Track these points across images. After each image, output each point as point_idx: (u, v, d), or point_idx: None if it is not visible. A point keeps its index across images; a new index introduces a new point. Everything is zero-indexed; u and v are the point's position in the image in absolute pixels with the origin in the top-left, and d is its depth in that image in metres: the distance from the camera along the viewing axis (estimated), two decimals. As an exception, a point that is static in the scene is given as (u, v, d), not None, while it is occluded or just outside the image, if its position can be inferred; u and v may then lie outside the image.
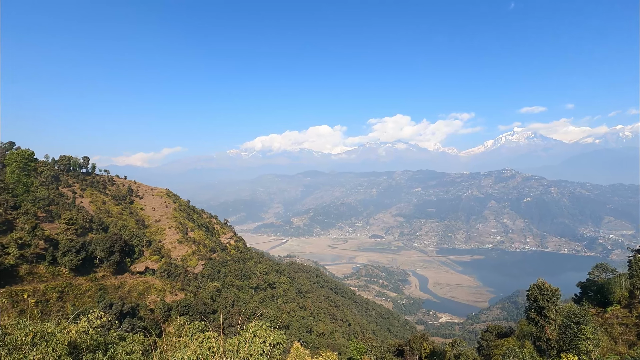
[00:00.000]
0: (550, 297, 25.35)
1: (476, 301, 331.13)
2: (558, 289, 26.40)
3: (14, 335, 14.02)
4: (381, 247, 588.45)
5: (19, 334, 14.52)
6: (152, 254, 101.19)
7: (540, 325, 26.42)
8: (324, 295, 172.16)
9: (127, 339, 17.87)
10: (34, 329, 15.92)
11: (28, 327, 15.77)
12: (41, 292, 49.25)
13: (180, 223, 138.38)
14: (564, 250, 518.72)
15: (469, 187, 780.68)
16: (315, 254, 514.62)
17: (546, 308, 25.08)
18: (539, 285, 26.27)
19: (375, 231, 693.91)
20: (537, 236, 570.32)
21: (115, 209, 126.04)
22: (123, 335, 18.36)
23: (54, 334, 15.60)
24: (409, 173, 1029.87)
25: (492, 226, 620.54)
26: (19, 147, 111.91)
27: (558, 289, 26.30)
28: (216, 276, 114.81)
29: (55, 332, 15.51)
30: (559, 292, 26.01)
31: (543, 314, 25.69)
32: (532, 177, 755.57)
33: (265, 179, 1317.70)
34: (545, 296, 25.45)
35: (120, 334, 19.09)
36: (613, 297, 45.94)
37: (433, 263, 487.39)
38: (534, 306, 26.27)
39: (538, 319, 26.13)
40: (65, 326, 16.96)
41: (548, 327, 25.90)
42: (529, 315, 27.31)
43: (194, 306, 66.32)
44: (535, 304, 25.87)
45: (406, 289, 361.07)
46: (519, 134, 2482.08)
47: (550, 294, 25.47)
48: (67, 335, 15.96)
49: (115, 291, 59.48)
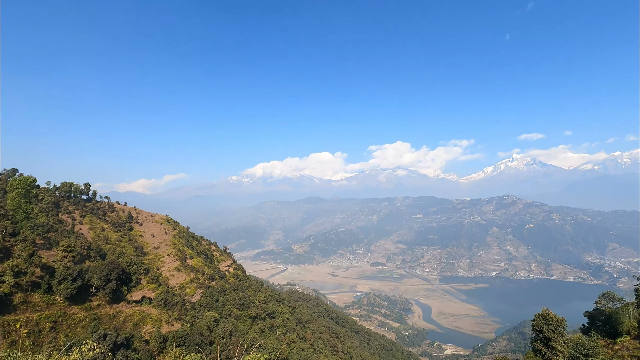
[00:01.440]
0: (556, 327, 24.60)
1: (482, 332, 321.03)
2: (564, 319, 25.69)
3: (5, 367, 13.67)
4: (383, 275, 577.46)
5: (10, 366, 14.17)
6: (149, 282, 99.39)
7: (547, 358, 25.43)
8: (324, 325, 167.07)
9: None
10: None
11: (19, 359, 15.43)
12: (34, 321, 47.98)
13: (179, 250, 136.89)
14: (569, 278, 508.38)
15: (470, 214, 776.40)
16: (316, 282, 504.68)
17: (552, 339, 24.26)
18: (544, 315, 25.58)
19: (376, 258, 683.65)
20: (542, 264, 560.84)
21: (114, 236, 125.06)
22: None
23: (45, 366, 15.24)
24: (410, 199, 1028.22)
25: (495, 253, 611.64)
26: (21, 173, 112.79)
27: (564, 319, 25.59)
28: (214, 305, 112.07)
29: (47, 365, 15.15)
30: (565, 322, 25.26)
31: (549, 345, 24.81)
32: (534, 204, 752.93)
33: (266, 206, 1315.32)
34: (551, 326, 24.69)
35: (113, 366, 18.54)
36: (622, 327, 44.49)
37: (436, 292, 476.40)
38: (539, 337, 25.43)
39: (545, 350, 25.22)
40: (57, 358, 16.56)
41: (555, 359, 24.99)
42: (535, 346, 26.36)
43: (190, 337, 64.29)
44: (541, 334, 25.05)
45: (409, 319, 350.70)
46: (518, 161, 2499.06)
47: (556, 324, 24.72)
48: (59, 367, 15.57)
49: (110, 321, 57.91)
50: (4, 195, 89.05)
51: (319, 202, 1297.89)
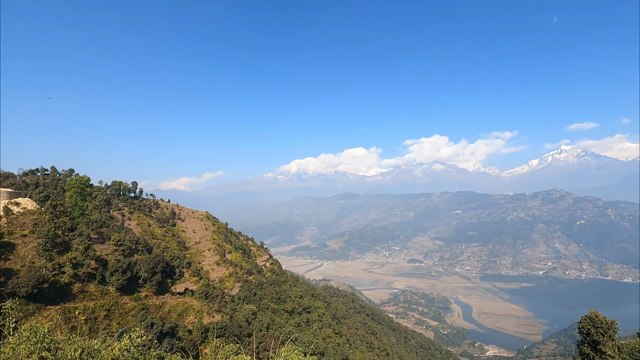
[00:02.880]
0: (606, 330, 22.76)
1: (527, 333, 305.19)
2: (614, 321, 23.76)
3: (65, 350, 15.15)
4: (420, 272, 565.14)
5: (69, 349, 15.66)
6: (191, 275, 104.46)
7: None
8: (360, 321, 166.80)
9: (165, 358, 18.60)
10: (82, 345, 17.11)
11: (77, 343, 16.99)
12: (90, 309, 52.34)
13: (219, 245, 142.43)
14: (627, 279, 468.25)
15: (513, 209, 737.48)
16: (351, 278, 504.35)
17: (601, 343, 22.49)
18: (592, 317, 23.76)
19: (413, 255, 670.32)
20: (595, 263, 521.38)
21: (159, 231, 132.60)
22: (162, 354, 19.10)
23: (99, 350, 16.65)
24: (448, 194, 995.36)
25: (541, 251, 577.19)
26: (77, 173, 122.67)
27: (614, 322, 23.66)
28: (252, 299, 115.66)
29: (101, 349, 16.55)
30: (616, 325, 23.33)
31: (598, 349, 22.99)
32: (585, 198, 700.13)
33: (300, 202, 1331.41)
34: (599, 329, 22.89)
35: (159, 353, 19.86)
36: (687, 333, 40.52)
37: (477, 290, 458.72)
38: (587, 340, 23.67)
39: (593, 354, 23.41)
40: (110, 343, 18.05)
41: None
42: (582, 350, 24.56)
43: (229, 328, 66.98)
44: (589, 337, 23.30)
45: (448, 318, 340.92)
46: (567, 152, 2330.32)
47: (605, 327, 22.89)
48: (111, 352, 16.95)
49: (157, 311, 61.76)
50: (63, 193, 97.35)
51: (353, 198, 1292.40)
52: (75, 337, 16.93)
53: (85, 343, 16.92)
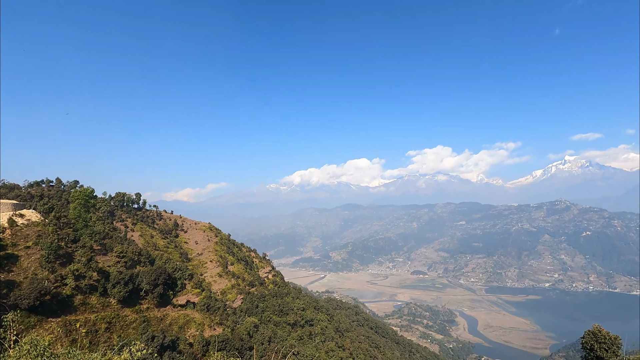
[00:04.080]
0: (610, 346, 22.37)
1: (535, 347, 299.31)
2: (618, 336, 23.38)
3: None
4: (424, 284, 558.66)
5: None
6: (193, 287, 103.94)
7: (600, 378, 23.19)
8: (363, 334, 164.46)
9: None
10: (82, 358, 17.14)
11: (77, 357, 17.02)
12: (92, 322, 52.12)
13: (221, 256, 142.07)
14: (635, 291, 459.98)
15: (518, 220, 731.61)
16: (355, 290, 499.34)
17: (605, 359, 22.10)
18: (595, 332, 23.40)
19: (417, 267, 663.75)
20: (602, 275, 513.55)
21: (162, 243, 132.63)
22: (162, 368, 19.08)
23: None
24: (452, 205, 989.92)
25: (547, 263, 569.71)
26: (81, 185, 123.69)
27: (618, 337, 23.28)
28: (254, 311, 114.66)
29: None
30: (620, 341, 22.95)
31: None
32: (591, 209, 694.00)
33: (304, 213, 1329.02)
34: (603, 345, 22.50)
35: (159, 367, 19.80)
36: (697, 348, 39.72)
37: (482, 303, 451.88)
38: (590, 356, 23.28)
39: None
40: (110, 357, 18.05)
41: (609, 381, 22.65)
42: (586, 366, 24.21)
43: (231, 342, 66.28)
44: (592, 353, 22.90)
45: (453, 331, 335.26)
46: (571, 163, 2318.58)
47: (609, 343, 22.51)
48: (111, 366, 16.97)
49: (158, 324, 61.35)
50: (67, 205, 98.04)
51: (356, 209, 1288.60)
52: (76, 351, 16.97)
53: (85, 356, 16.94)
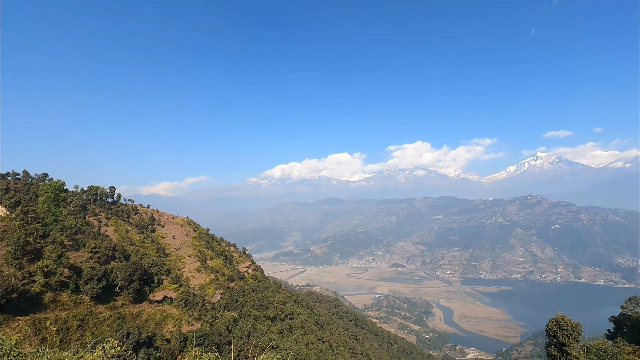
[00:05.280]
0: (571, 332, 23.82)
1: (506, 336, 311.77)
2: (579, 323, 24.86)
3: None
4: (403, 277, 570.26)
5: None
6: (171, 283, 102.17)
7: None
8: (343, 327, 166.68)
9: None
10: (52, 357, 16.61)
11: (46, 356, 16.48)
12: (63, 320, 50.43)
13: (200, 251, 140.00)
14: (599, 281, 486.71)
15: (492, 214, 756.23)
16: (335, 283, 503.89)
17: (567, 344, 23.52)
18: (558, 320, 24.84)
19: (396, 260, 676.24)
20: (570, 266, 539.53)
21: (138, 238, 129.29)
22: (137, 365, 18.74)
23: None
24: (430, 200, 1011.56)
25: (519, 255, 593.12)
26: (51, 178, 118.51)
27: (579, 324, 24.77)
28: (233, 306, 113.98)
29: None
30: (580, 327, 24.44)
31: (564, 350, 24.05)
32: (560, 204, 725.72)
33: (284, 207, 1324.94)
34: (565, 332, 23.93)
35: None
36: (650, 333, 42.67)
37: (458, 294, 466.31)
38: (554, 342, 24.71)
39: (559, 356, 24.45)
40: (82, 355, 17.55)
41: (570, 365, 24.24)
42: (549, 352, 25.59)
43: (209, 337, 65.77)
44: (555, 339, 24.34)
45: (430, 322, 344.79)
46: (543, 159, 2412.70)
47: (570, 330, 23.96)
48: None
49: (133, 320, 60.08)
50: (35, 199, 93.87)
51: (337, 203, 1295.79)
52: (45, 350, 16.42)
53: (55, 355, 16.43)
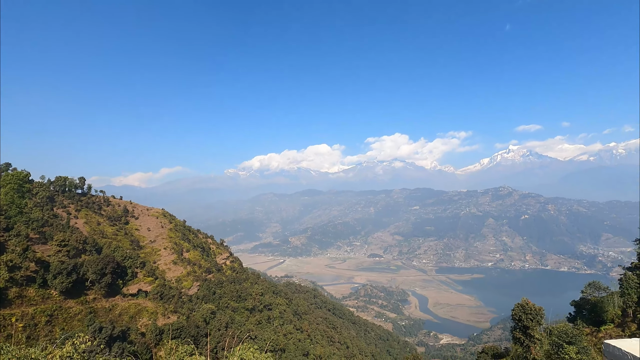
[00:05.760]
0: (534, 316, 25.37)
1: (477, 321, 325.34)
2: (542, 308, 26.45)
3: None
4: (380, 267, 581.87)
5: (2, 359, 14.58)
6: (145, 276, 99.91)
7: (526, 345, 26.37)
8: (321, 316, 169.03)
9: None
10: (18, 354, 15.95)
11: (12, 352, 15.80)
12: (30, 315, 48.46)
13: (176, 243, 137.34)
14: (563, 268, 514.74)
15: (466, 205, 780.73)
16: (314, 274, 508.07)
17: (530, 327, 25.05)
18: (523, 305, 26.36)
19: (373, 250, 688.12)
20: (537, 254, 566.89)
21: (110, 230, 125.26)
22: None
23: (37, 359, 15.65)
24: (407, 191, 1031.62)
25: (491, 244, 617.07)
26: (14, 168, 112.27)
27: (542, 308, 26.36)
28: (211, 297, 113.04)
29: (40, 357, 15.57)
30: (543, 312, 26.02)
31: (528, 333, 25.64)
32: (529, 195, 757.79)
33: (263, 199, 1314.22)
34: (529, 315, 25.48)
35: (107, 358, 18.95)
36: (606, 315, 45.71)
37: (433, 282, 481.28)
38: (518, 326, 26.25)
39: (523, 338, 26.07)
40: (51, 351, 16.94)
41: (533, 347, 25.85)
42: (514, 335, 27.18)
43: (186, 329, 65.12)
44: (520, 323, 25.87)
45: (406, 310, 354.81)
46: (514, 152, 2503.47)
47: (534, 314, 25.51)
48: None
49: (106, 314, 58.52)
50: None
51: (316, 194, 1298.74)
52: (10, 347, 15.74)
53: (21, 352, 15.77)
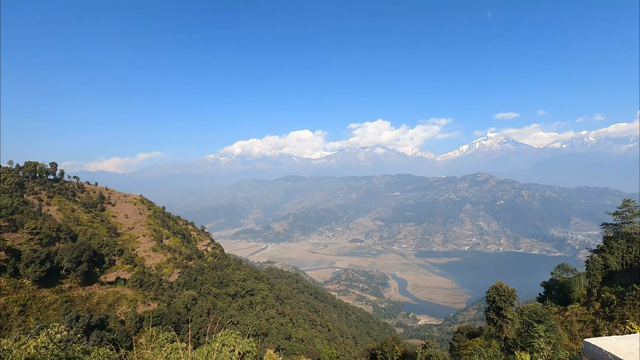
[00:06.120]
0: (507, 297, 26.73)
1: (454, 302, 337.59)
2: (514, 290, 27.80)
3: (-36, 353, 13.53)
4: (361, 251, 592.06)
5: (-30, 351, 14.01)
6: (124, 263, 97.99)
7: (499, 325, 27.79)
8: (303, 301, 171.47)
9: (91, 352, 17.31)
10: (-12, 345, 15.36)
11: (-19, 344, 15.20)
12: (1, 305, 46.87)
13: (155, 230, 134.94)
14: (535, 250, 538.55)
15: (445, 191, 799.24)
16: (296, 259, 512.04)
17: (503, 308, 26.38)
18: (497, 287, 27.63)
19: (355, 235, 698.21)
20: (511, 238, 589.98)
21: (86, 217, 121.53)
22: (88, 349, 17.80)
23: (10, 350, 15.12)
24: (388, 177, 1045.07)
25: (468, 229, 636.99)
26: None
27: (514, 290, 27.71)
28: (192, 284, 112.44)
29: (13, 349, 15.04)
30: (515, 293, 27.39)
31: (501, 314, 27.02)
32: (505, 181, 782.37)
33: (244, 185, 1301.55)
34: (502, 297, 26.79)
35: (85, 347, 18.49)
36: (573, 295, 48.60)
37: (412, 266, 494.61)
38: (492, 307, 27.59)
39: (496, 319, 27.46)
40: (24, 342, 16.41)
41: (505, 327, 27.30)
42: (488, 315, 28.61)
43: (167, 316, 64.69)
44: (494, 304, 27.20)
45: (386, 293, 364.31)
46: (492, 139, 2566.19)
47: (507, 295, 26.85)
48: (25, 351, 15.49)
49: (83, 303, 57.25)
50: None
51: (298, 180, 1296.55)
52: (-20, 338, 15.14)
53: (-8, 343, 15.22)
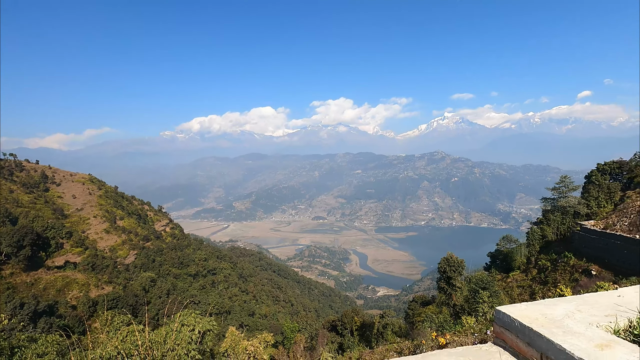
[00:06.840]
0: (457, 268, 28.91)
1: (410, 274, 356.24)
2: (463, 260, 30.04)
3: None
4: (324, 228, 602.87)
5: None
6: (73, 246, 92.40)
7: (449, 293, 30.20)
8: (267, 278, 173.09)
9: (39, 340, 16.25)
10: None
11: None
12: None
13: (107, 211, 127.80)
14: (484, 224, 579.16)
15: (404, 169, 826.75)
16: (259, 237, 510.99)
17: (453, 278, 28.57)
18: (448, 258, 29.73)
19: (317, 213, 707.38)
20: (463, 213, 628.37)
21: (26, 198, 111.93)
22: (34, 336, 16.72)
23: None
24: (350, 155, 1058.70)
25: (424, 205, 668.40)
26: None
27: (463, 261, 29.95)
28: (150, 266, 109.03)
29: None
30: (464, 263, 29.65)
31: (451, 283, 29.31)
32: (459, 159, 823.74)
33: (204, 162, 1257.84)
34: (452, 267, 28.92)
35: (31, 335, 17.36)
36: (515, 264, 53.54)
37: (372, 241, 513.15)
38: (443, 277, 29.76)
39: (447, 287, 29.76)
40: (-41, 333, 15.08)
41: (455, 295, 29.74)
42: (439, 285, 30.88)
43: (123, 299, 62.52)
44: (444, 274, 29.34)
45: (347, 267, 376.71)
46: (448, 119, 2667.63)
47: (456, 265, 29.01)
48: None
49: (28, 289, 53.53)
50: None
51: (260, 158, 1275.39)
52: None
53: None
